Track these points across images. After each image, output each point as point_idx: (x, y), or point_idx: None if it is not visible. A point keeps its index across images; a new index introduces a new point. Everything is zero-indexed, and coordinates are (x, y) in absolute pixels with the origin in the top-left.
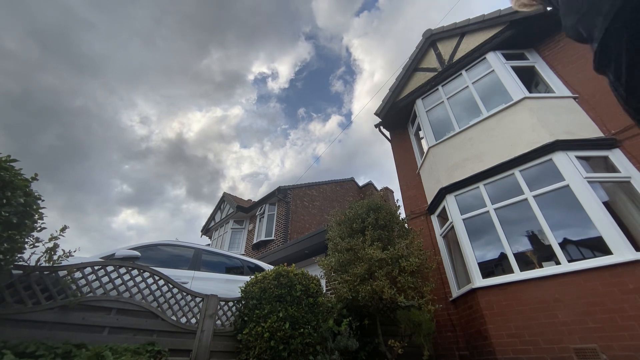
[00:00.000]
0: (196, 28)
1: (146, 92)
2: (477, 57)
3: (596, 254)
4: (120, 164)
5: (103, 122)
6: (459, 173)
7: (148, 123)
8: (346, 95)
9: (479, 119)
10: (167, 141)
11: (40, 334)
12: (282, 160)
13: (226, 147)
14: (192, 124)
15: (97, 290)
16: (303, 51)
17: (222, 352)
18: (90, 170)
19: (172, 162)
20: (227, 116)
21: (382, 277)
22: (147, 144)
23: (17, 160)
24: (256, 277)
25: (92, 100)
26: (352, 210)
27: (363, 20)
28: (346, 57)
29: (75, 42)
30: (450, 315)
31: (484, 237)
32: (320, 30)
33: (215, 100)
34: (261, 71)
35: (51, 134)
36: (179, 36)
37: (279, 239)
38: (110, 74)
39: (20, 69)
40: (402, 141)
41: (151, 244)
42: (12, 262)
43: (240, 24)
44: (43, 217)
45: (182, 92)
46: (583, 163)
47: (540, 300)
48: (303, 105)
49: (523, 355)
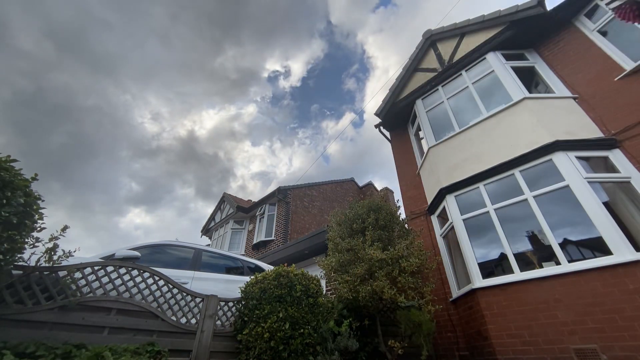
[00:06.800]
0: (212, 25)
1: (159, 89)
2: (477, 57)
3: (596, 254)
4: (130, 161)
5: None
6: (459, 173)
7: (160, 120)
8: (358, 93)
9: (479, 119)
10: (179, 139)
11: (40, 334)
12: (291, 159)
13: (237, 146)
14: (205, 122)
15: (97, 291)
16: (317, 48)
17: (222, 353)
18: (99, 167)
19: (182, 160)
20: (241, 114)
21: (382, 278)
22: (158, 142)
23: (17, 160)
24: (256, 278)
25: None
26: (352, 211)
27: (379, 16)
28: (360, 54)
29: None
30: (451, 315)
31: (484, 237)
32: (336, 27)
33: (229, 97)
34: (275, 69)
35: (62, 132)
36: (195, 33)
37: (279, 239)
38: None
39: (35, 69)
40: (402, 141)
41: (151, 244)
42: (12, 262)
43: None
44: (43, 217)
45: (197, 90)
46: (583, 163)
47: (540, 301)
48: (315, 104)
49: (523, 355)
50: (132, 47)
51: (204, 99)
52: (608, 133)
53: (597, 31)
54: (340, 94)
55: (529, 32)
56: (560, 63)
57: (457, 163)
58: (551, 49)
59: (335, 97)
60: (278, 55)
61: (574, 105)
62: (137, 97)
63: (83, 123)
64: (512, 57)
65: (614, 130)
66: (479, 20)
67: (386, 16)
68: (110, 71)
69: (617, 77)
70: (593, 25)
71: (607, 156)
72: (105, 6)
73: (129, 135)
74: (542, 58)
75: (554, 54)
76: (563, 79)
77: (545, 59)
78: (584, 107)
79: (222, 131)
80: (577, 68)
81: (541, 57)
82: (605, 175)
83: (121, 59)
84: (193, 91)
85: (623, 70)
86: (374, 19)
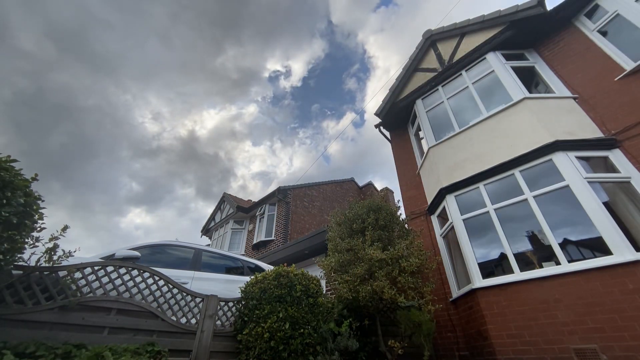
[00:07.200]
0: (213, 24)
1: (160, 89)
2: (477, 57)
3: (596, 254)
4: (131, 161)
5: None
6: (459, 173)
7: (160, 120)
8: (359, 93)
9: (479, 119)
10: (179, 139)
11: (40, 334)
12: (291, 159)
13: (238, 146)
14: (206, 122)
15: (97, 291)
16: (318, 48)
17: (222, 353)
18: (100, 167)
19: (183, 160)
20: (241, 114)
21: (382, 278)
22: (158, 142)
23: (17, 160)
24: (256, 278)
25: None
26: (352, 211)
27: (380, 15)
28: (361, 54)
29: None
30: (451, 315)
31: (484, 237)
32: (337, 26)
33: (230, 97)
34: (275, 69)
35: (62, 132)
36: (195, 33)
37: (279, 239)
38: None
39: (36, 69)
40: (402, 141)
41: (151, 244)
42: (12, 262)
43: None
44: (43, 217)
45: (197, 90)
46: (583, 163)
47: (540, 301)
48: (315, 103)
49: (523, 355)
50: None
51: (204, 99)
52: (608, 133)
53: (597, 31)
54: (341, 94)
55: (529, 32)
56: (560, 63)
57: (457, 163)
58: (551, 49)
59: (336, 97)
60: (279, 55)
61: (574, 105)
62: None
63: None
64: (512, 57)
65: (614, 130)
66: (479, 20)
67: (387, 16)
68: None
69: (617, 77)
70: (593, 25)
71: (607, 156)
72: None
73: (129, 135)
74: (542, 58)
75: (554, 54)
76: (563, 79)
77: (545, 59)
78: (584, 107)
79: (222, 131)
80: (577, 68)
81: (541, 57)
82: (605, 175)
83: (122, 58)
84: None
85: (623, 70)
86: (375, 18)
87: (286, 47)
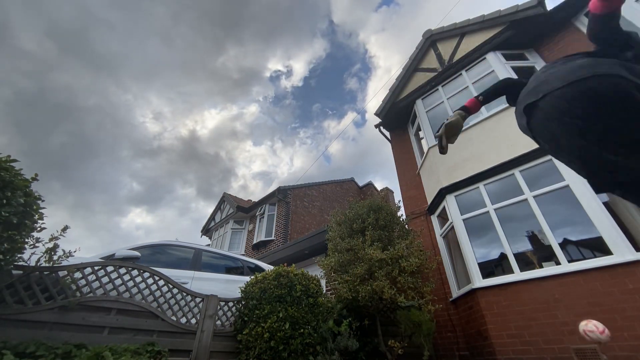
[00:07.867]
0: (214, 24)
1: (161, 89)
2: (477, 57)
3: (596, 254)
4: (131, 161)
5: (116, 120)
6: (459, 173)
7: (161, 120)
8: (360, 92)
9: (479, 119)
10: (180, 139)
11: (40, 334)
12: (292, 158)
13: (239, 145)
14: (206, 121)
15: (97, 291)
16: (319, 48)
17: (222, 353)
18: (100, 167)
19: (184, 160)
20: (242, 114)
21: (382, 278)
22: (159, 142)
23: (18, 160)
24: (256, 278)
25: (106, 98)
26: (352, 211)
27: (381, 15)
28: (362, 54)
29: (93, 41)
30: (450, 315)
31: (484, 237)
32: (338, 26)
33: (231, 97)
34: (277, 69)
35: (63, 131)
36: (196, 33)
37: (279, 239)
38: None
39: (37, 69)
40: (402, 141)
41: (151, 244)
42: (12, 262)
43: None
44: (43, 217)
45: (198, 89)
46: None
47: (540, 301)
48: (316, 103)
49: (523, 355)
50: (133, 47)
51: (205, 99)
52: None
53: None
54: (342, 94)
55: (529, 32)
56: None
57: (457, 163)
58: (551, 48)
59: (337, 96)
60: (280, 55)
61: None
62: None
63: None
64: (512, 57)
65: None
66: (479, 20)
67: (388, 15)
68: (112, 71)
69: None
70: None
71: None
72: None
73: (130, 135)
74: (542, 58)
75: (554, 54)
76: None
77: (545, 59)
78: None
79: (223, 131)
80: None
81: (541, 57)
82: None
83: (123, 58)
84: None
85: None
86: (376, 18)
87: (287, 46)
